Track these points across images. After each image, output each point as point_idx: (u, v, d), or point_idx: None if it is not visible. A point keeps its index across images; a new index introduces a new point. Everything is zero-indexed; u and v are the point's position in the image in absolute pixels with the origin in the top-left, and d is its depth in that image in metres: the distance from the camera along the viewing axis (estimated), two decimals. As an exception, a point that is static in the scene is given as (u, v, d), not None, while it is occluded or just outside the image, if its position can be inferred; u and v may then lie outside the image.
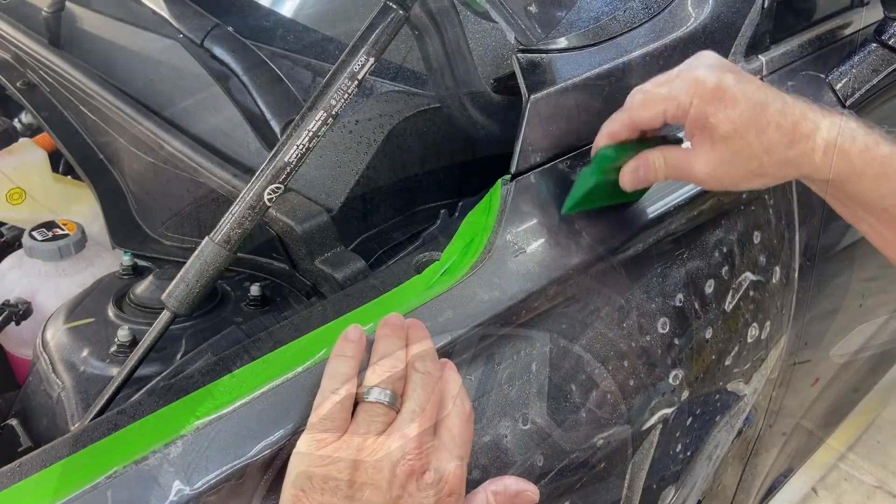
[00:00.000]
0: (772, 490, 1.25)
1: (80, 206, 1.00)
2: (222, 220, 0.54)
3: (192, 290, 0.54)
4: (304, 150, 0.54)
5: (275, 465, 0.48)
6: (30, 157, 0.98)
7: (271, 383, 0.50)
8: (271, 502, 0.48)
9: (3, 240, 0.97)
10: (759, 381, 0.82)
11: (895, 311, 1.25)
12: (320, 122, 0.54)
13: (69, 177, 1.07)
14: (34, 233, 0.86)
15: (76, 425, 0.58)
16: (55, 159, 1.07)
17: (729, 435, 0.81)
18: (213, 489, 0.46)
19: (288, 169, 0.54)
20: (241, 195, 0.54)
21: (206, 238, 0.54)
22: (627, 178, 0.61)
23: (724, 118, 0.55)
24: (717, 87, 0.56)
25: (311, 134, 0.54)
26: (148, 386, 0.58)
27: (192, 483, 0.46)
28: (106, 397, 0.53)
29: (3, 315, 0.80)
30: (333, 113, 0.54)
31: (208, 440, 0.47)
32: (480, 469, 0.56)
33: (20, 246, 0.89)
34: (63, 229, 0.87)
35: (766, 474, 1.14)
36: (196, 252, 0.54)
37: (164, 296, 0.55)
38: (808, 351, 0.99)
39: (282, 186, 0.54)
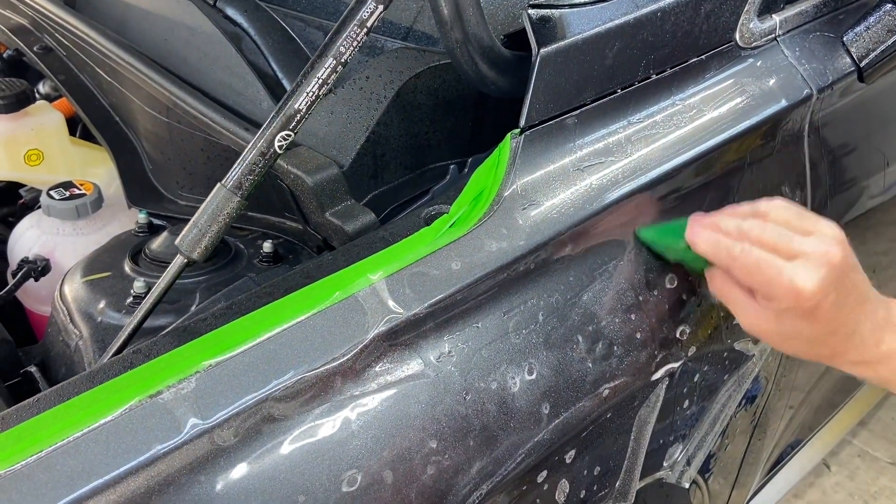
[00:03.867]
0: (780, 461, 1.26)
1: (97, 169, 1.02)
2: (234, 166, 0.55)
3: (204, 235, 0.55)
4: (313, 97, 0.55)
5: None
6: (47, 118, 0.99)
7: (283, 325, 0.52)
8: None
9: (22, 201, 0.99)
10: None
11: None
12: (330, 69, 0.55)
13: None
14: (52, 192, 0.88)
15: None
16: (73, 125, 1.09)
17: (737, 395, 0.81)
18: (227, 423, 0.47)
19: (298, 116, 0.55)
20: (251, 142, 0.55)
21: (219, 184, 0.55)
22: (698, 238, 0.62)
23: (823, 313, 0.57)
24: (815, 304, 0.56)
25: (320, 81, 0.55)
26: (163, 332, 0.59)
27: (206, 417, 0.47)
28: (122, 339, 0.55)
29: (23, 272, 0.82)
30: (343, 60, 0.55)
31: (221, 377, 0.49)
32: (486, 415, 0.57)
33: (39, 208, 0.91)
34: (80, 189, 0.89)
35: (775, 444, 1.14)
36: (208, 198, 0.55)
37: (177, 241, 0.56)
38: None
39: (292, 134, 0.55)
